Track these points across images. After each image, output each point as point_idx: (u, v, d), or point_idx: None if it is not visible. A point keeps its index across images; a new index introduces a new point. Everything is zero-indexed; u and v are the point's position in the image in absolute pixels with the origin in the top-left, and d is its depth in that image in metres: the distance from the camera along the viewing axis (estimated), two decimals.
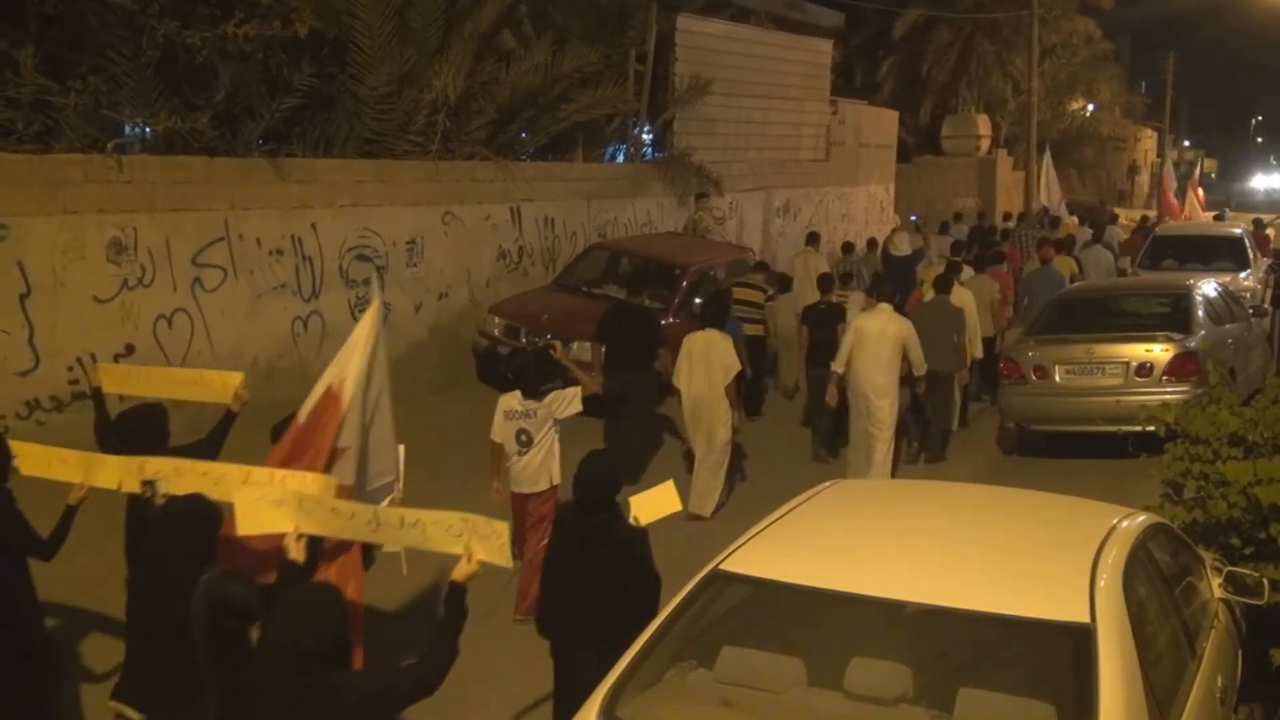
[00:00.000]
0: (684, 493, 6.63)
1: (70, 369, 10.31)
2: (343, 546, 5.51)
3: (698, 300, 13.48)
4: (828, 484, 5.75)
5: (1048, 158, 29.04)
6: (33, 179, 10.06)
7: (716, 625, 4.71)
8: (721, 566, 4.74)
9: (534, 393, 8.10)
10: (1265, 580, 5.65)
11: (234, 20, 11.37)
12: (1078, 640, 4.12)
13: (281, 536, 4.99)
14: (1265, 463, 6.30)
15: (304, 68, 12.28)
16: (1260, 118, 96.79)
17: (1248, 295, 16.32)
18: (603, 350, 11.14)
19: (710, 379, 10.06)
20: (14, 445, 5.75)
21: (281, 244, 12.24)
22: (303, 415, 5.70)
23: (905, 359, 10.88)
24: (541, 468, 8.05)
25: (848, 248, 19.33)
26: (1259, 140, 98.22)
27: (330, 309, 12.78)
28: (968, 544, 4.97)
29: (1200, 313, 12.19)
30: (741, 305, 13.00)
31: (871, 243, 19.78)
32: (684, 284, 14.01)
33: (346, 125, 13.32)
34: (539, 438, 8.02)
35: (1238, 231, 20.32)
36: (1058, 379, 11.72)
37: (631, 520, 5.73)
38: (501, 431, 8.10)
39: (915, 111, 34.30)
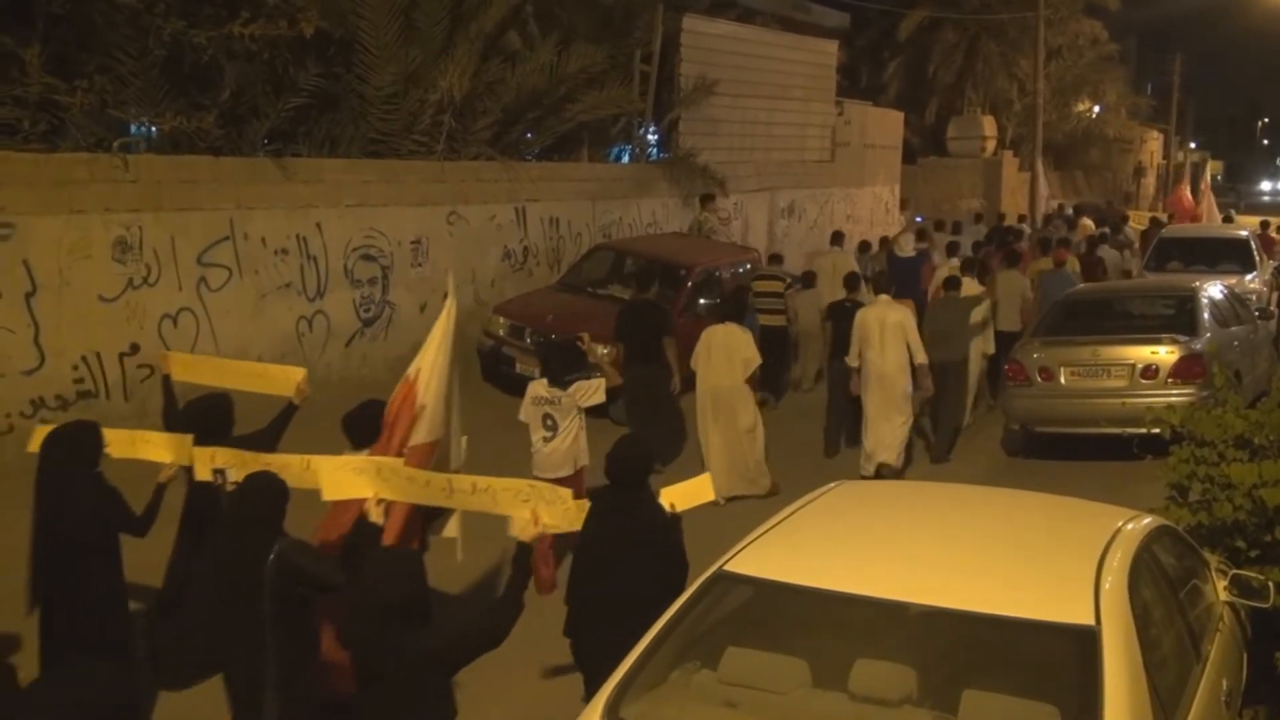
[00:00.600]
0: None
1: (75, 368, 10.34)
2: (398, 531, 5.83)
3: (702, 300, 13.68)
4: (832, 485, 5.73)
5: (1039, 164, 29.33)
6: (39, 178, 10.07)
7: (721, 626, 4.71)
8: (725, 567, 4.74)
9: (559, 381, 8.41)
10: (1270, 583, 5.63)
11: (240, 20, 11.39)
12: (1082, 642, 4.11)
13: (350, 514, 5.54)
14: (1271, 465, 6.28)
15: (310, 67, 12.30)
16: (1266, 120, 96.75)
17: (1254, 297, 16.28)
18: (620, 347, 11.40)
19: (730, 371, 10.38)
20: (105, 432, 6.10)
21: (287, 243, 12.25)
22: (390, 411, 6.17)
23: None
24: (567, 454, 8.34)
25: (864, 246, 19.50)
26: (1265, 143, 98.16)
27: (335, 309, 12.80)
28: (972, 546, 4.96)
29: (1206, 315, 12.16)
30: (762, 297, 13.70)
31: (883, 241, 19.88)
32: (689, 284, 14.00)
33: (352, 125, 13.34)
34: (564, 425, 8.32)
35: (1244, 234, 20.28)
36: (1063, 381, 11.69)
37: (667, 507, 5.83)
38: (528, 414, 8.46)
39: (921, 112, 34.27)
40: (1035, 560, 4.79)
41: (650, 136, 19.15)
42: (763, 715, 4.29)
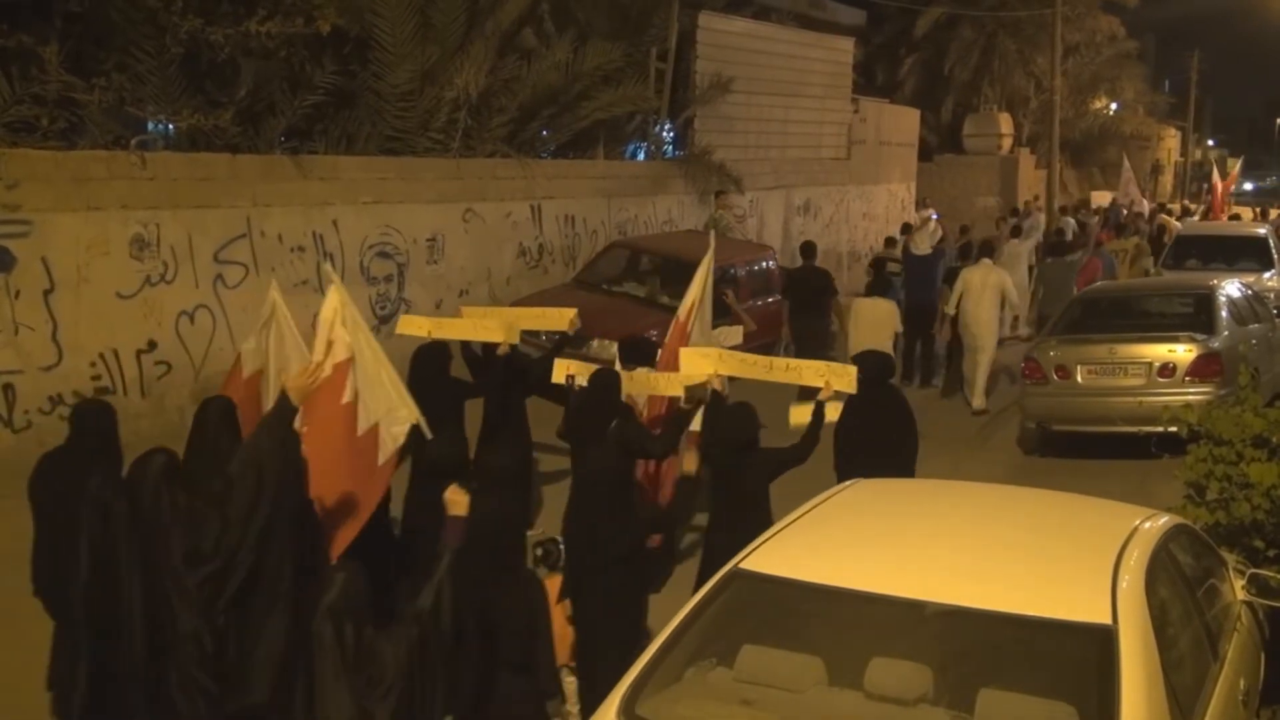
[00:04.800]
0: None
1: (93, 364, 10.38)
2: None
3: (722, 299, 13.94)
4: (848, 483, 5.73)
5: (1126, 163, 30.51)
6: (57, 175, 10.12)
7: (736, 624, 4.70)
8: (741, 565, 4.74)
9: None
10: None
11: (257, 17, 11.43)
12: (1099, 641, 4.10)
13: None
14: None
15: (326, 65, 12.33)
16: None
17: (1272, 296, 16.16)
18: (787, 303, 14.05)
19: (876, 336, 12.23)
20: (445, 321, 9.01)
21: (303, 241, 12.29)
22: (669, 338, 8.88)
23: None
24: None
25: (964, 229, 21.12)
26: None
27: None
28: (989, 544, 4.95)
29: (1224, 313, 12.08)
30: (894, 276, 16.02)
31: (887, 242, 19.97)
32: None
33: (368, 122, 13.37)
34: None
35: (1262, 232, 20.11)
36: (1080, 379, 11.65)
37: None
38: None
39: (937, 110, 34.13)
40: (1052, 559, 4.77)
41: (666, 134, 19.16)
42: (778, 713, 4.28)
